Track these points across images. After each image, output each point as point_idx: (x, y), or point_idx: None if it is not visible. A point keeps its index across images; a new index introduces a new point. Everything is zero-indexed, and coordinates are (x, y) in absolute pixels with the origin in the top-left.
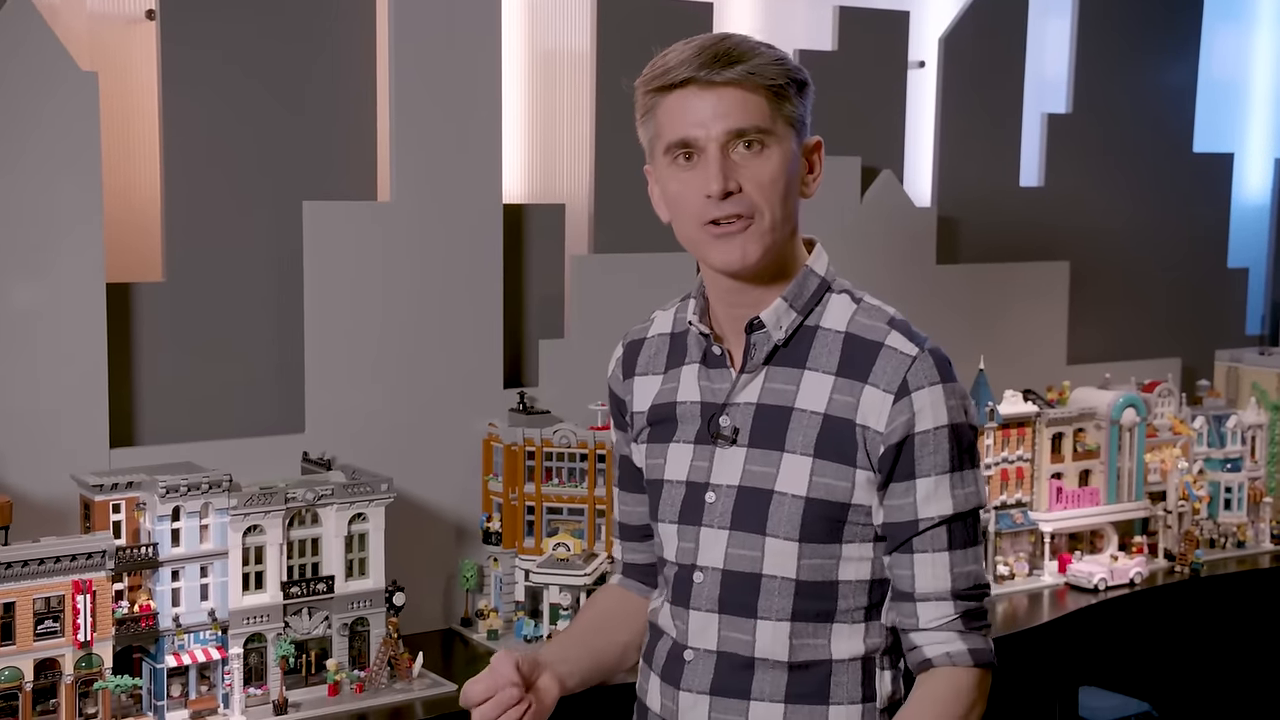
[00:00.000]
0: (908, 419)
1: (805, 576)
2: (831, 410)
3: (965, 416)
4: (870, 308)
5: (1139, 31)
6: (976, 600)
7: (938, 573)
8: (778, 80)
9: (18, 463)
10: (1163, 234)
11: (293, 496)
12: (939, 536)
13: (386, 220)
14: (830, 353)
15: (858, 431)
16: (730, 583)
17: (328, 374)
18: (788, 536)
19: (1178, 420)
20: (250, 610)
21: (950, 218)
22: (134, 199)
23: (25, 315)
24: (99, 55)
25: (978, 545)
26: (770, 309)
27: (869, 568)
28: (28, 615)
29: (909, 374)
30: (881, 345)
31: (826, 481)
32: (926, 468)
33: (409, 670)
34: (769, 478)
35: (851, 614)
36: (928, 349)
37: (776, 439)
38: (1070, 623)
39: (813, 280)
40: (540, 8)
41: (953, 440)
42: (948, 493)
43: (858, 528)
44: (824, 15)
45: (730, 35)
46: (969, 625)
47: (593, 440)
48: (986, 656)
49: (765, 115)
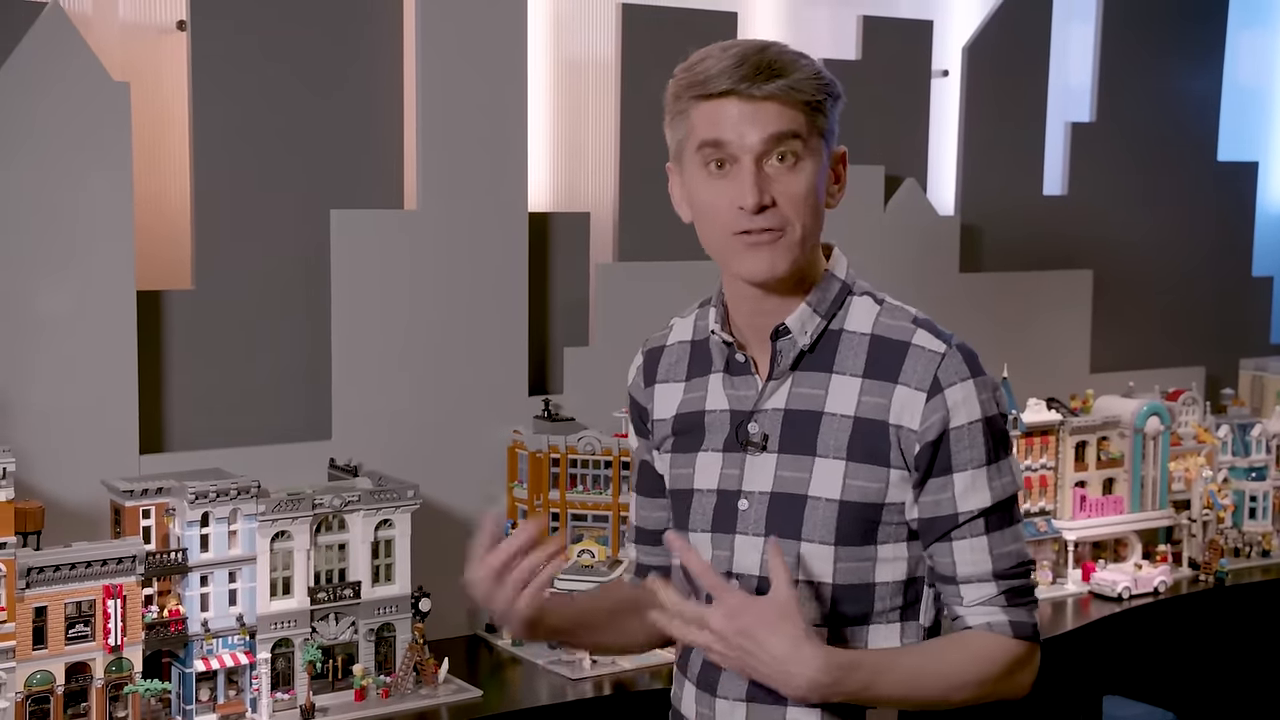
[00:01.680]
0: (943, 415)
1: (842, 580)
2: (862, 412)
3: (997, 408)
4: (893, 308)
5: (1163, 40)
6: (1020, 578)
7: (978, 557)
8: (816, 95)
9: (49, 468)
10: (1187, 242)
11: (320, 503)
12: (977, 525)
13: (413, 228)
14: (856, 355)
15: (891, 431)
16: (766, 589)
17: (355, 381)
18: (823, 540)
19: (1202, 429)
20: (278, 615)
21: (973, 226)
22: (164, 207)
23: (57, 322)
24: (131, 65)
25: (1015, 525)
26: (795, 315)
27: (904, 567)
28: (59, 619)
29: (940, 371)
30: (909, 344)
31: (860, 484)
32: (963, 462)
33: (435, 676)
34: (802, 483)
35: (887, 615)
36: (955, 345)
37: (807, 444)
38: (1094, 631)
39: (834, 285)
40: (565, 17)
41: (987, 433)
42: (985, 485)
43: (891, 527)
44: (848, 24)
45: (770, 46)
46: (1012, 601)
47: (617, 447)
48: (1027, 630)
49: (801, 128)
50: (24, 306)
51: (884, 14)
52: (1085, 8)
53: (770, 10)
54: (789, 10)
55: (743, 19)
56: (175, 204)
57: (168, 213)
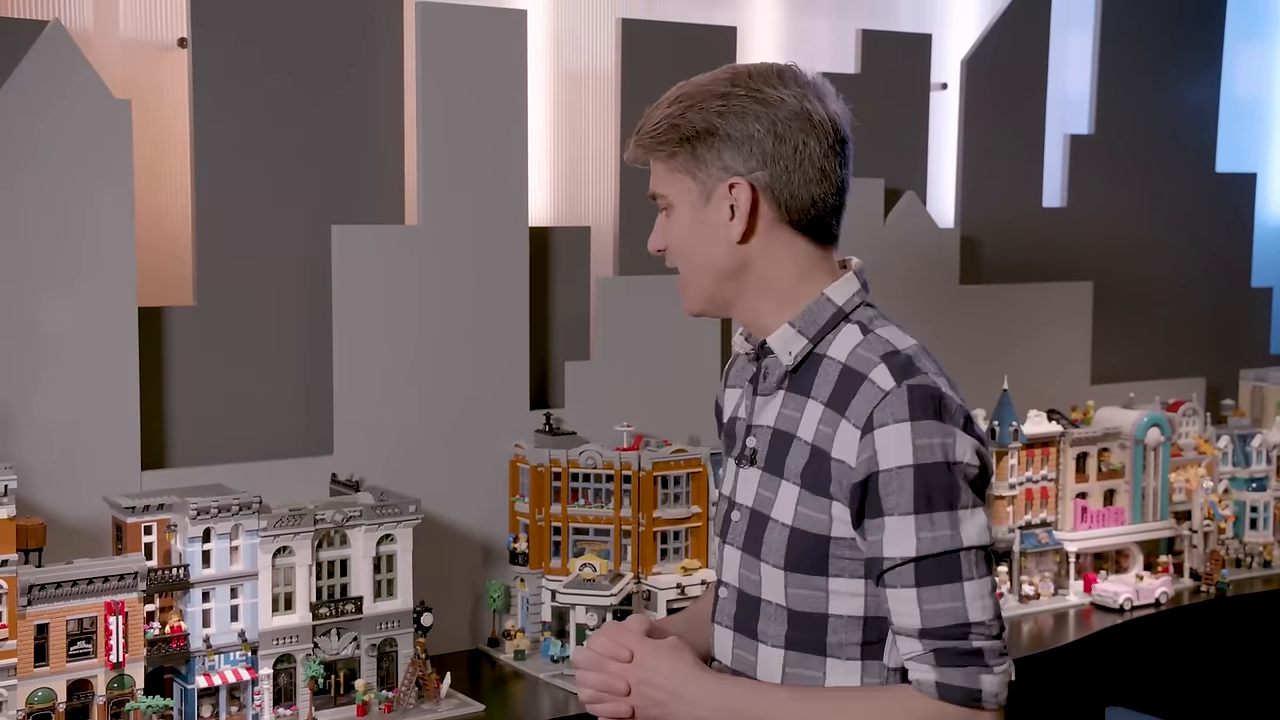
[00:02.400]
0: (870, 456)
1: (795, 606)
2: (816, 441)
3: (941, 456)
4: (876, 340)
5: (1161, 51)
6: (955, 639)
7: (906, 609)
8: (657, 150)
9: (51, 485)
10: (1186, 254)
11: (321, 518)
12: (905, 574)
13: (414, 243)
14: (827, 383)
15: (833, 465)
16: (741, 602)
17: (356, 396)
18: (775, 564)
19: (1202, 440)
20: (280, 631)
21: (973, 238)
22: (165, 224)
23: (59, 338)
24: (132, 83)
25: (958, 583)
26: (777, 334)
27: (861, 604)
28: (61, 636)
29: (876, 409)
30: (865, 378)
31: (808, 512)
32: (890, 506)
33: (437, 690)
34: (769, 503)
35: (845, 649)
36: (907, 385)
37: (779, 465)
38: (1096, 643)
39: (827, 308)
40: (566, 32)
41: (919, 480)
42: (912, 534)
43: (844, 561)
44: (847, 38)
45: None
46: (944, 660)
47: (618, 461)
48: (955, 694)
49: (662, 180)
50: (26, 323)
51: (883, 27)
52: (1083, 19)
53: (769, 24)
54: (788, 24)
55: (742, 33)
56: (177, 220)
57: (169, 229)
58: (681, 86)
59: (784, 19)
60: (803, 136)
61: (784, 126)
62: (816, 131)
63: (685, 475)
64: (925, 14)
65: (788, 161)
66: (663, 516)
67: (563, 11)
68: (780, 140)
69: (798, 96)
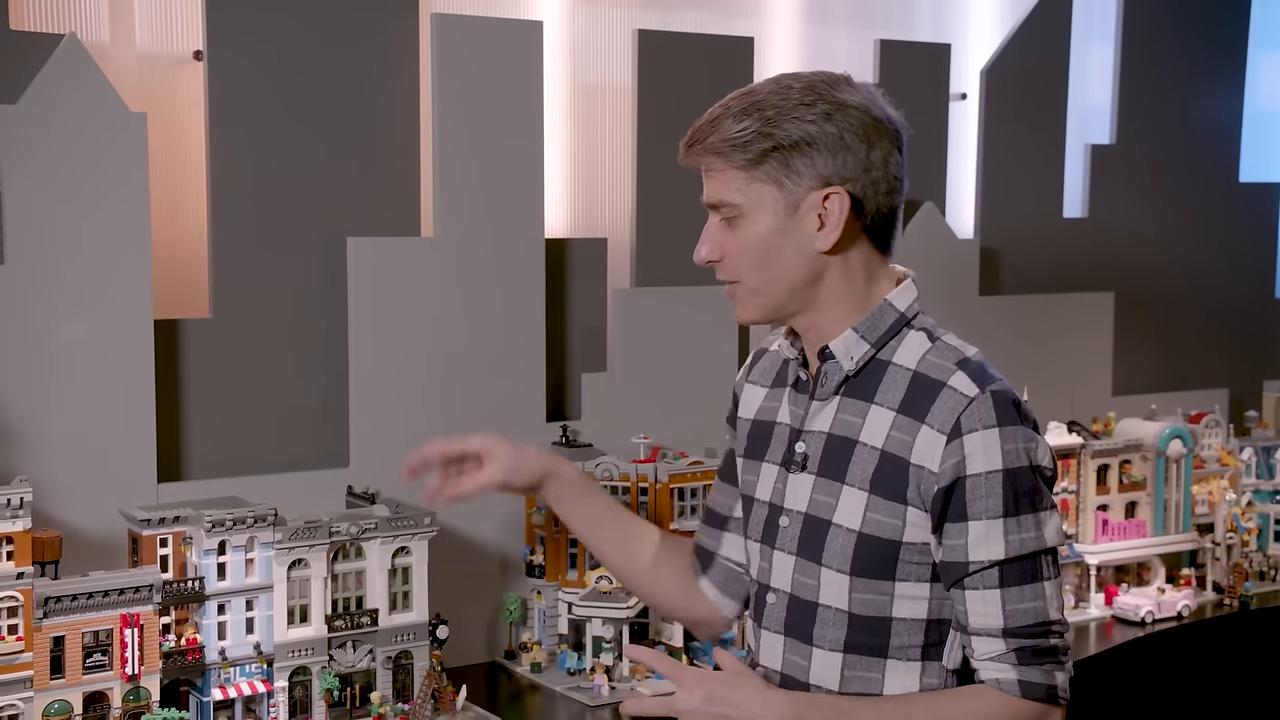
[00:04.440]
0: (958, 461)
1: (858, 610)
2: (889, 447)
3: (1026, 460)
4: (945, 347)
5: (1183, 61)
6: (1037, 638)
7: (989, 610)
8: (739, 153)
9: (67, 498)
10: (1209, 264)
11: (337, 530)
12: (990, 576)
13: (430, 255)
14: (897, 389)
15: (911, 471)
16: (794, 607)
17: (372, 409)
18: (839, 569)
19: (1225, 452)
20: (295, 643)
21: (993, 249)
22: (181, 237)
23: (75, 351)
24: (148, 96)
25: (1039, 583)
26: (840, 339)
27: (925, 607)
28: (77, 649)
29: (964, 415)
30: (944, 385)
31: (879, 518)
32: (978, 511)
33: (453, 703)
34: (829, 508)
35: (906, 651)
36: (990, 391)
37: (839, 470)
38: (1117, 656)
39: (890, 314)
40: (582, 43)
41: (1007, 485)
42: (1000, 537)
43: (912, 566)
44: (865, 48)
45: (715, 108)
46: (1024, 660)
47: (635, 473)
48: (1039, 692)
49: (735, 188)
50: (42, 336)
51: (901, 38)
52: (1104, 29)
53: (787, 35)
54: (806, 35)
55: (759, 44)
56: (192, 233)
57: (185, 242)
58: (749, 96)
59: (802, 29)
60: (884, 144)
61: (871, 134)
62: (891, 138)
63: (701, 487)
64: (944, 24)
65: (876, 171)
66: (679, 528)
67: (579, 23)
68: (870, 148)
69: (870, 103)
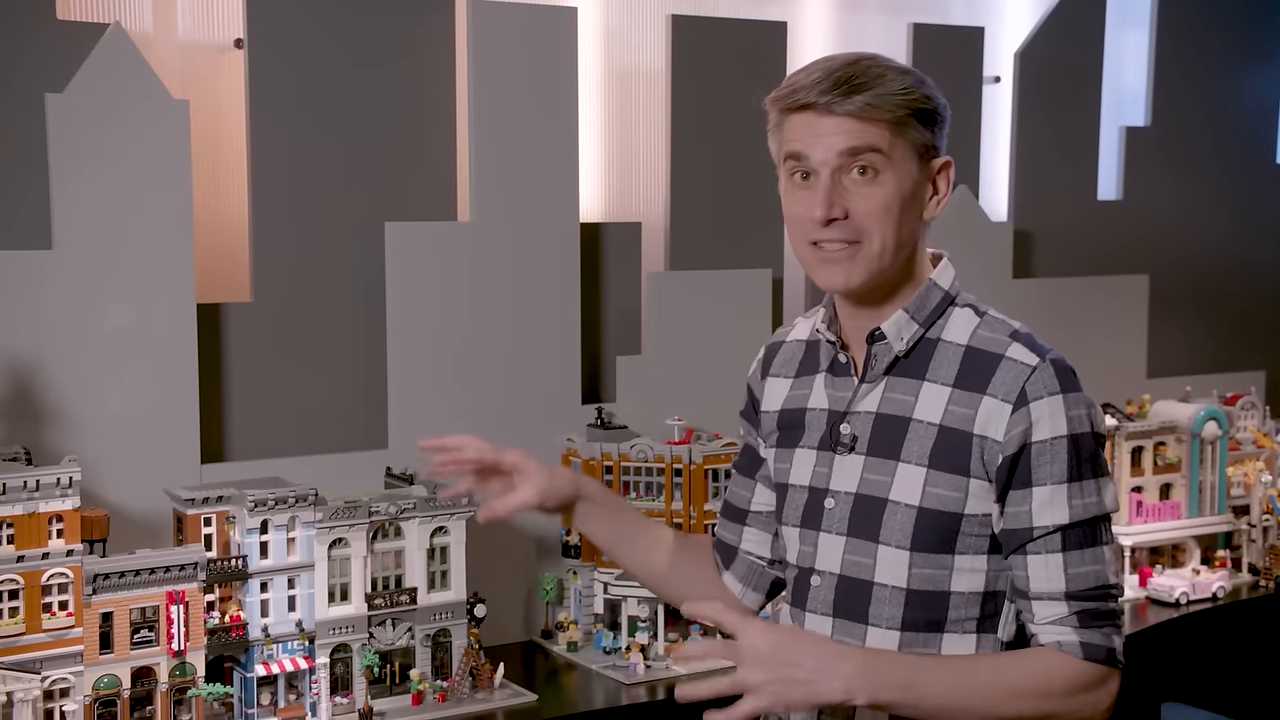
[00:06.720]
0: (1025, 429)
1: (916, 586)
2: (948, 421)
3: (1089, 426)
4: (994, 321)
5: (1218, 43)
6: (1097, 600)
7: (1051, 574)
8: (898, 111)
9: (114, 478)
10: (1244, 246)
11: (376, 510)
12: (1053, 541)
13: (467, 240)
14: (950, 365)
15: (975, 442)
16: (845, 588)
17: (410, 391)
18: (899, 545)
19: (1261, 434)
20: (336, 621)
21: (1027, 232)
22: (223, 222)
23: (120, 336)
24: (189, 83)
25: (1099, 547)
26: (891, 320)
27: (982, 579)
28: (125, 625)
29: (1028, 384)
30: (1002, 357)
31: (940, 492)
32: (1043, 477)
33: (490, 681)
34: (884, 486)
35: (962, 624)
36: (1049, 359)
37: (893, 449)
38: (1152, 637)
39: (936, 293)
40: (616, 29)
41: (1071, 450)
42: (1064, 502)
43: (970, 538)
44: (898, 32)
45: (861, 60)
46: (1085, 622)
47: (669, 455)
48: (1100, 654)
49: (882, 143)
50: (89, 320)
51: (935, 21)
52: (1139, 12)
53: (820, 19)
54: (839, 19)
55: (793, 29)
56: (233, 218)
57: (226, 227)
58: (882, 59)
59: (835, 13)
60: None
61: None
62: None
63: None
64: (977, 7)
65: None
66: (713, 509)
67: (613, 8)
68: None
69: None
